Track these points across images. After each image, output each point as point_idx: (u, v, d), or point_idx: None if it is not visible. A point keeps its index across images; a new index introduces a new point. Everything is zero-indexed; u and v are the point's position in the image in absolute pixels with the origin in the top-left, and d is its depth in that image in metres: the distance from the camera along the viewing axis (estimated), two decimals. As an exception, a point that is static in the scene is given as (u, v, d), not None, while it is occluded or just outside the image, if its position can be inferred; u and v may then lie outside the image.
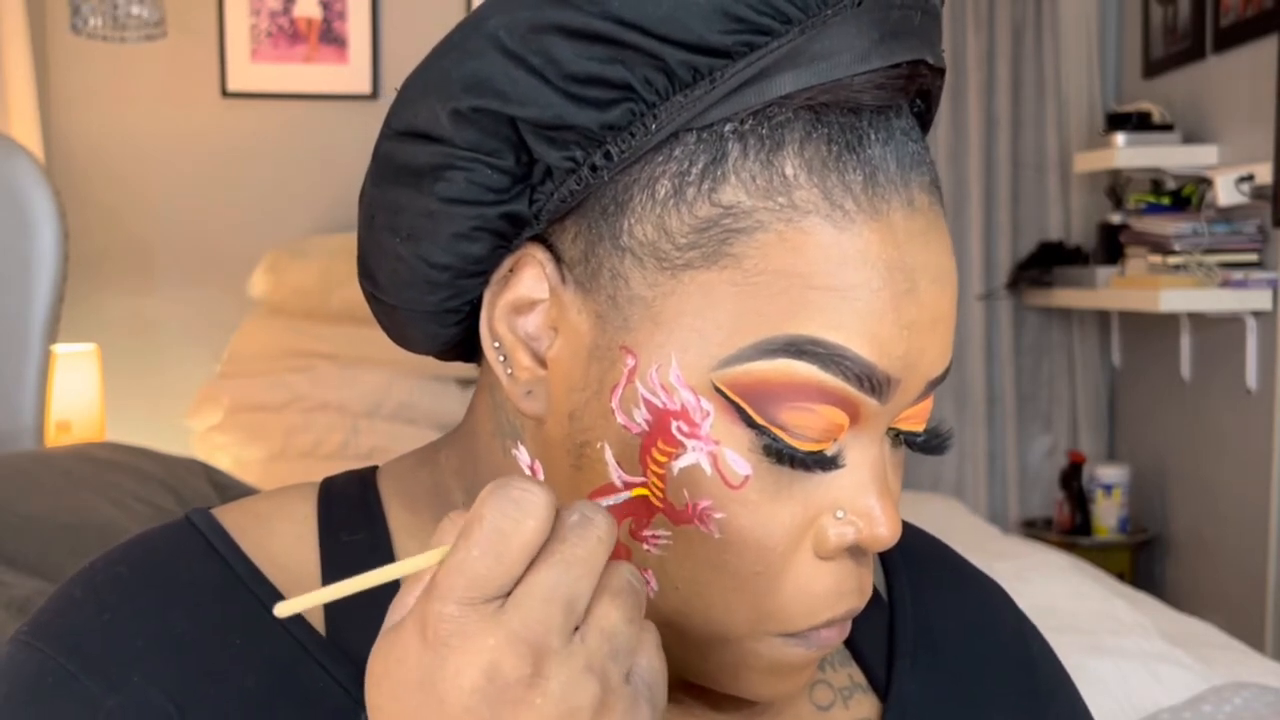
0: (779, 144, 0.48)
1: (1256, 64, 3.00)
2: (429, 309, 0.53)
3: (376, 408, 3.02)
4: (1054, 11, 3.71)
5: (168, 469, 1.71)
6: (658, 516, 0.50)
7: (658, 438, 0.49)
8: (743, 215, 0.48)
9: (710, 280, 0.48)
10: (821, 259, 0.47)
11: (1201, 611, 2.61)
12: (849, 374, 0.48)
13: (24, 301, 1.92)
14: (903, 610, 0.63)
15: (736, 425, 0.48)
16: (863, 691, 0.61)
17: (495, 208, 0.50)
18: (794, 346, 0.48)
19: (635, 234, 0.49)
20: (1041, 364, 3.83)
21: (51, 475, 1.56)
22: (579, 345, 0.50)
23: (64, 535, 1.42)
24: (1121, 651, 1.83)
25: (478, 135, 0.49)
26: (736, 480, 0.49)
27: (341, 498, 0.59)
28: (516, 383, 0.52)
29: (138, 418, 3.23)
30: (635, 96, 0.48)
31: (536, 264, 0.51)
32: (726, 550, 0.49)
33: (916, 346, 0.49)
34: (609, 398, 0.50)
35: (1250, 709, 1.51)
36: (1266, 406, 2.97)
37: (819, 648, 0.52)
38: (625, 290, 0.49)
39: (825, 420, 0.49)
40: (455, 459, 0.58)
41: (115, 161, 3.44)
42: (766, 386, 0.48)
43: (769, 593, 0.50)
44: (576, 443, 0.51)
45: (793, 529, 0.50)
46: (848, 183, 0.48)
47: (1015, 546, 2.58)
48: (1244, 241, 3.05)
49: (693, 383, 0.48)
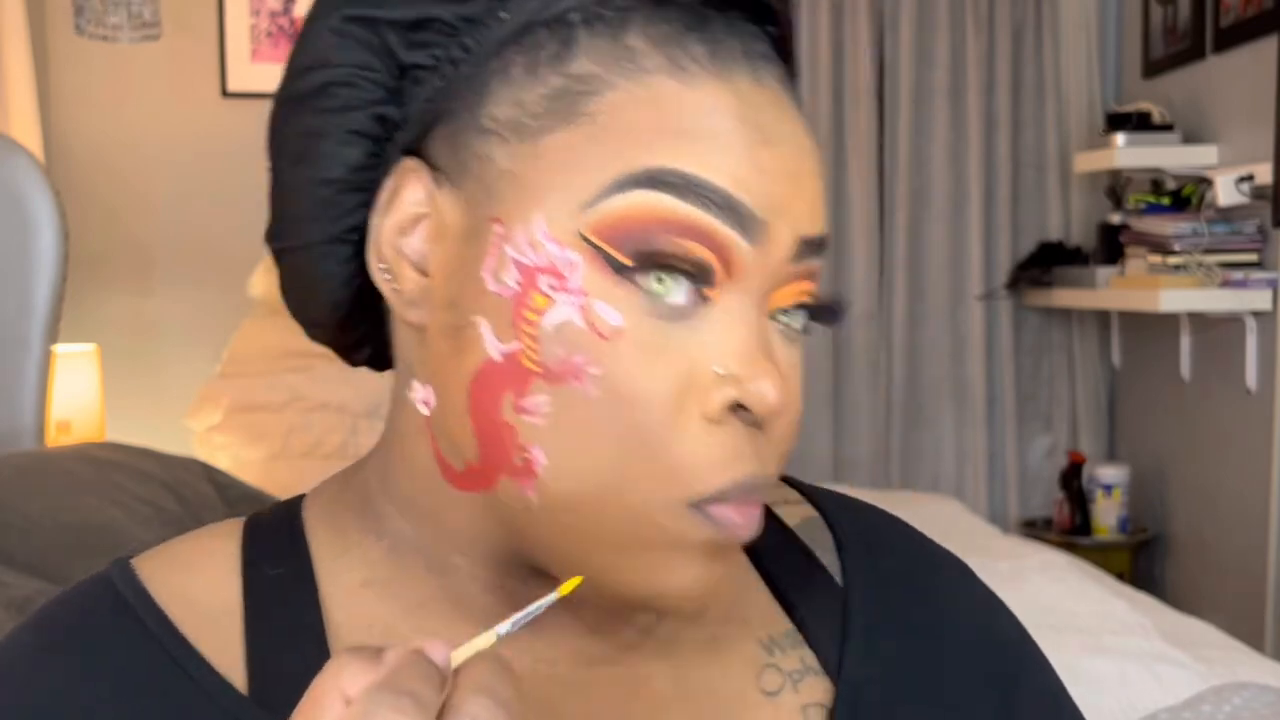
0: (623, 24, 0.51)
1: (1256, 64, 3.00)
2: (321, 238, 0.55)
3: (376, 408, 3.02)
4: (1054, 12, 3.71)
5: (168, 469, 1.71)
6: (535, 383, 0.49)
7: (527, 296, 0.50)
8: (592, 80, 0.50)
9: (567, 139, 0.50)
10: (672, 109, 0.50)
11: (1201, 611, 2.61)
12: (709, 203, 0.49)
13: (24, 301, 1.92)
14: (856, 591, 0.62)
15: (606, 275, 0.49)
16: (815, 674, 0.60)
17: (368, 111, 0.53)
18: (650, 178, 0.49)
19: (495, 115, 0.51)
20: (1041, 364, 3.83)
21: (52, 475, 1.56)
22: (455, 237, 0.52)
23: (64, 535, 1.42)
24: (1121, 651, 1.84)
25: (353, 49, 0.53)
26: (608, 331, 0.49)
27: (266, 531, 0.59)
28: (401, 296, 0.53)
29: (138, 418, 3.23)
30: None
31: (414, 177, 0.53)
32: (607, 408, 0.49)
33: (778, 191, 0.50)
34: (480, 269, 0.51)
35: (1250, 709, 1.51)
36: (1266, 406, 2.97)
37: (727, 531, 0.51)
38: (491, 169, 0.51)
39: (693, 256, 0.49)
40: (374, 455, 0.59)
41: (115, 161, 3.44)
42: (628, 222, 0.49)
43: (659, 452, 0.49)
44: (456, 327, 0.52)
45: (673, 385, 0.49)
46: (691, 53, 0.51)
47: (1015, 546, 2.58)
48: (1244, 241, 3.05)
49: (558, 235, 0.49)
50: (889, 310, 3.77)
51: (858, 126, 3.71)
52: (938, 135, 3.72)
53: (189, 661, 0.53)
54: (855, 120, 3.71)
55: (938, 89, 3.72)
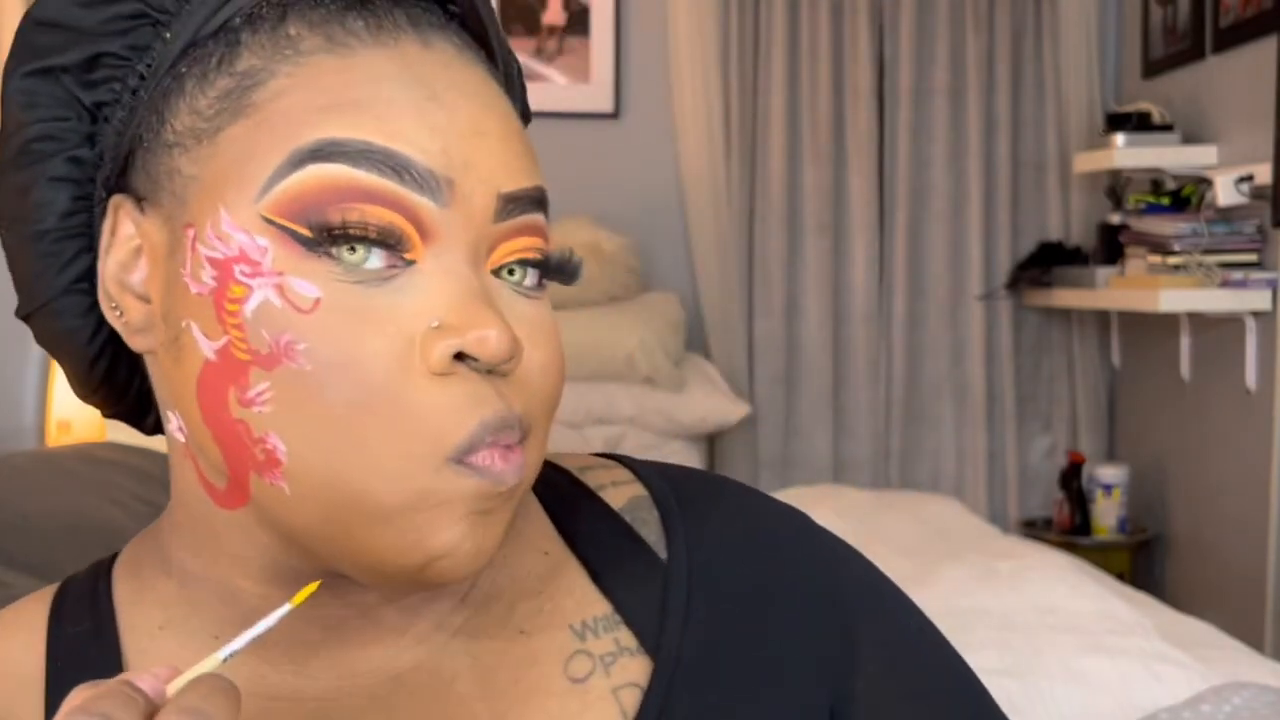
0: (283, 17, 0.52)
1: (1256, 64, 3.00)
2: (52, 294, 0.56)
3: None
4: (1054, 12, 3.71)
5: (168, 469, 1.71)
6: (253, 371, 0.49)
7: (226, 289, 0.50)
8: (256, 73, 0.51)
9: (239, 132, 0.51)
10: (334, 83, 0.50)
11: (1201, 611, 2.61)
12: (383, 168, 0.49)
13: (24, 301, 1.91)
14: (677, 566, 0.60)
15: (295, 252, 0.49)
16: (631, 655, 0.58)
17: (63, 155, 0.54)
18: (319, 152, 0.49)
19: (175, 128, 0.52)
20: (1041, 364, 3.83)
21: (52, 475, 1.56)
22: (162, 256, 0.53)
23: (64, 535, 1.42)
24: (1121, 651, 1.84)
25: (42, 103, 0.54)
26: (306, 304, 0.49)
27: (74, 591, 0.60)
28: (129, 326, 0.54)
29: (138, 418, 3.22)
30: (149, 18, 0.53)
31: (122, 211, 0.54)
32: (326, 380, 0.49)
33: (458, 149, 0.50)
34: (182, 276, 0.51)
35: (1250, 709, 1.51)
36: (1266, 406, 2.97)
37: (491, 478, 0.50)
38: (179, 179, 0.52)
39: (380, 221, 0.49)
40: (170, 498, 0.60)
41: (115, 161, 3.44)
42: (306, 197, 0.49)
43: (395, 414, 0.49)
44: (172, 338, 0.52)
45: (389, 347, 0.49)
46: (350, 28, 0.52)
47: (1015, 546, 2.58)
48: (1244, 242, 3.05)
49: (243, 224, 0.50)
50: (889, 310, 3.77)
51: (858, 126, 3.71)
52: (938, 135, 3.72)
53: None
54: (855, 120, 3.71)
55: (938, 89, 3.72)
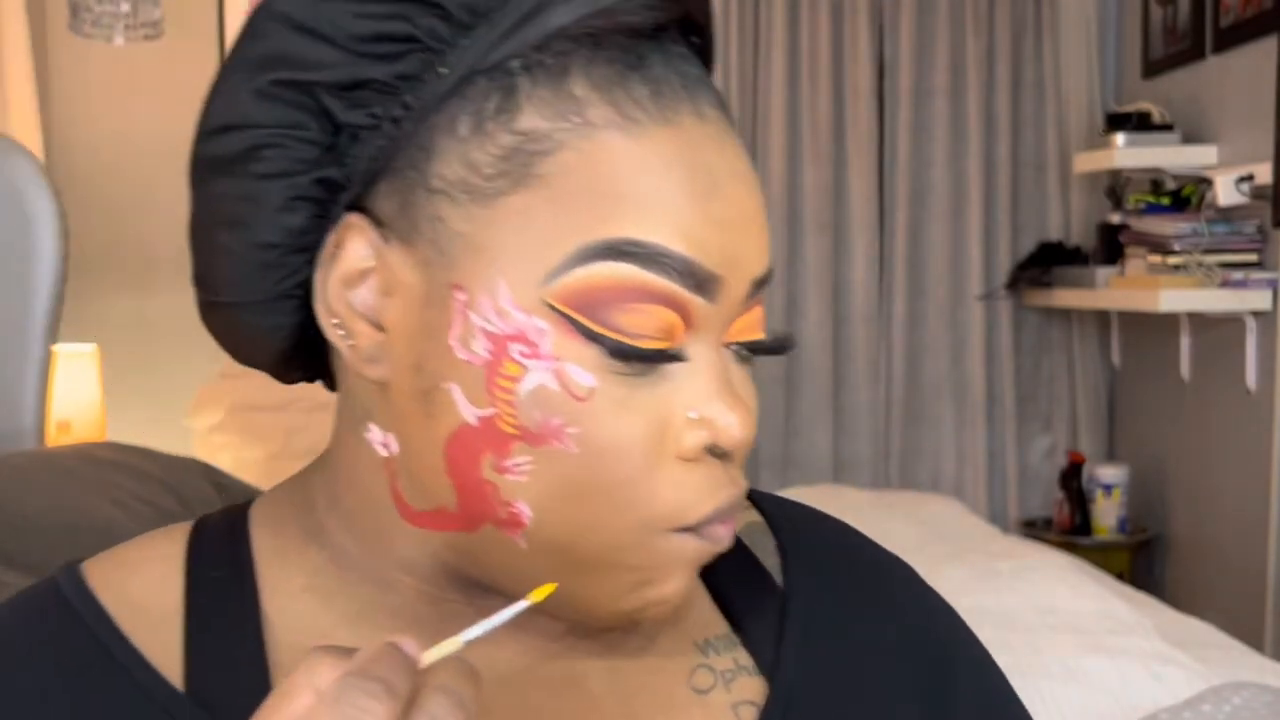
0: (565, 70, 0.50)
1: (1256, 64, 3.00)
2: (264, 296, 0.55)
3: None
4: (1054, 12, 3.71)
5: (168, 469, 1.71)
6: (516, 444, 0.50)
7: (500, 364, 0.50)
8: (542, 138, 0.50)
9: (522, 203, 0.50)
10: (623, 168, 0.50)
11: (1201, 611, 2.61)
12: (670, 271, 0.50)
13: (24, 301, 1.92)
14: (796, 596, 0.63)
15: (574, 339, 0.50)
16: (748, 674, 0.61)
17: (308, 175, 0.52)
18: (612, 249, 0.49)
19: (444, 175, 0.51)
20: (1041, 364, 3.83)
21: (52, 475, 1.56)
22: (412, 298, 0.52)
23: (64, 535, 1.42)
24: (1121, 651, 1.84)
25: (281, 110, 0.52)
26: (583, 393, 0.50)
27: (211, 534, 0.60)
28: (358, 352, 0.53)
29: (138, 418, 3.23)
30: (421, 46, 0.51)
31: (358, 232, 0.52)
32: (588, 463, 0.50)
33: (731, 243, 0.51)
34: (447, 337, 0.51)
35: (1250, 709, 1.51)
36: (1266, 406, 2.97)
37: (713, 541, 0.54)
38: (445, 231, 0.51)
39: (658, 320, 0.50)
40: (319, 470, 0.60)
41: (115, 161, 3.44)
42: (594, 293, 0.49)
43: (643, 496, 0.51)
44: (424, 391, 0.52)
45: (649, 434, 0.51)
46: (635, 96, 0.51)
47: (1015, 546, 2.58)
48: (1244, 241, 3.05)
49: (524, 303, 0.50)
50: (889, 310, 3.77)
51: (858, 126, 3.71)
52: (938, 135, 3.72)
53: (129, 659, 0.54)
54: (855, 120, 3.71)
55: (938, 89, 3.72)
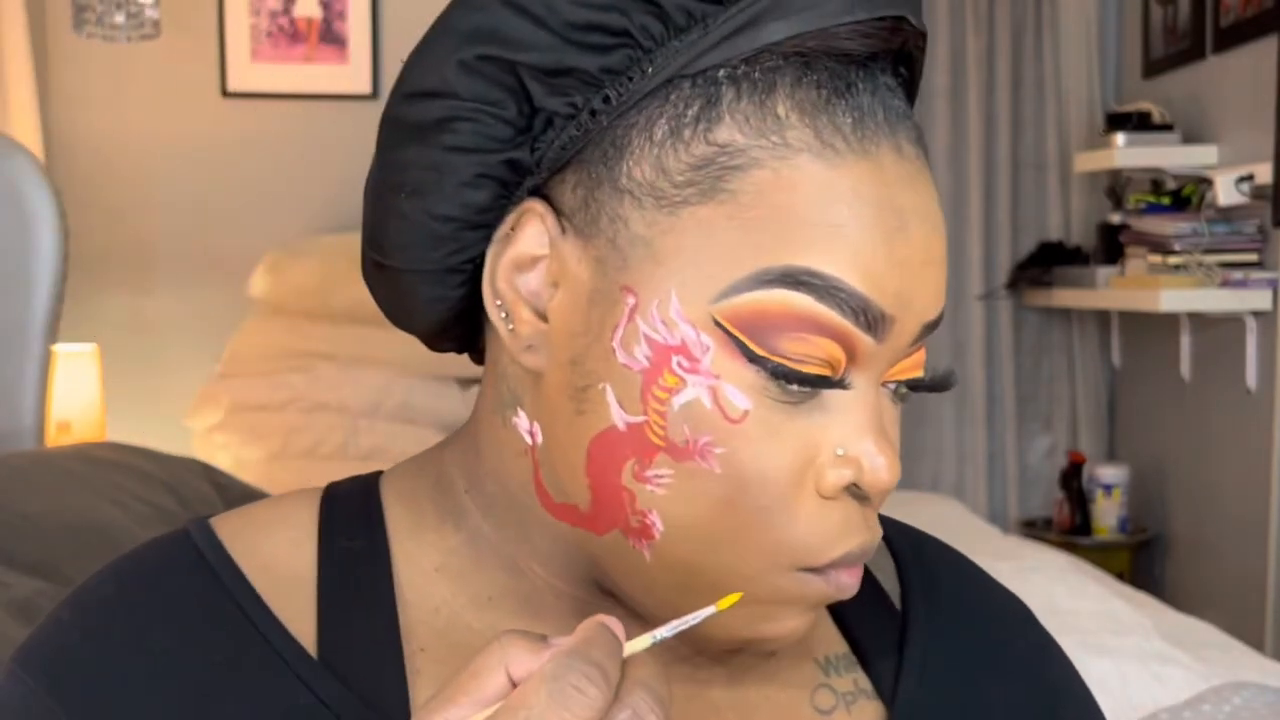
0: (771, 87, 0.50)
1: (1256, 64, 3.00)
2: (434, 267, 0.54)
3: (376, 408, 3.02)
4: (1054, 11, 3.71)
5: (168, 469, 1.71)
6: (660, 455, 0.50)
7: (659, 374, 0.50)
8: (737, 153, 0.49)
9: (708, 216, 0.49)
10: (814, 195, 0.49)
11: (1201, 611, 2.61)
12: (844, 307, 0.49)
13: (24, 301, 1.92)
14: (914, 618, 0.63)
15: (736, 360, 0.49)
16: (867, 698, 0.60)
17: (498, 154, 0.52)
18: (790, 277, 0.49)
19: (634, 175, 0.50)
20: (1041, 364, 3.83)
21: (51, 475, 1.56)
22: (579, 293, 0.51)
23: (64, 535, 1.42)
24: (1121, 651, 1.83)
25: (482, 85, 0.51)
26: (736, 414, 0.49)
27: (344, 503, 0.59)
28: (518, 338, 0.53)
29: (138, 418, 3.23)
30: (633, 42, 0.50)
31: (537, 218, 0.52)
32: (729, 486, 0.50)
33: (909, 285, 0.50)
34: (610, 338, 0.50)
35: (1250, 709, 1.51)
36: (1266, 406, 2.97)
37: (837, 587, 0.52)
38: (625, 232, 0.50)
39: (823, 352, 0.49)
40: (457, 449, 0.59)
41: (115, 161, 3.44)
42: (764, 317, 0.49)
43: (776, 528, 0.50)
44: (578, 387, 0.51)
45: (794, 465, 0.50)
46: (838, 124, 0.50)
47: (1015, 546, 2.58)
48: (1244, 241, 3.05)
49: (692, 317, 0.49)
50: (889, 310, 3.77)
51: (858, 126, 3.71)
52: (938, 135, 3.71)
53: (263, 621, 0.54)
54: (855, 120, 3.71)
55: (938, 89, 3.72)
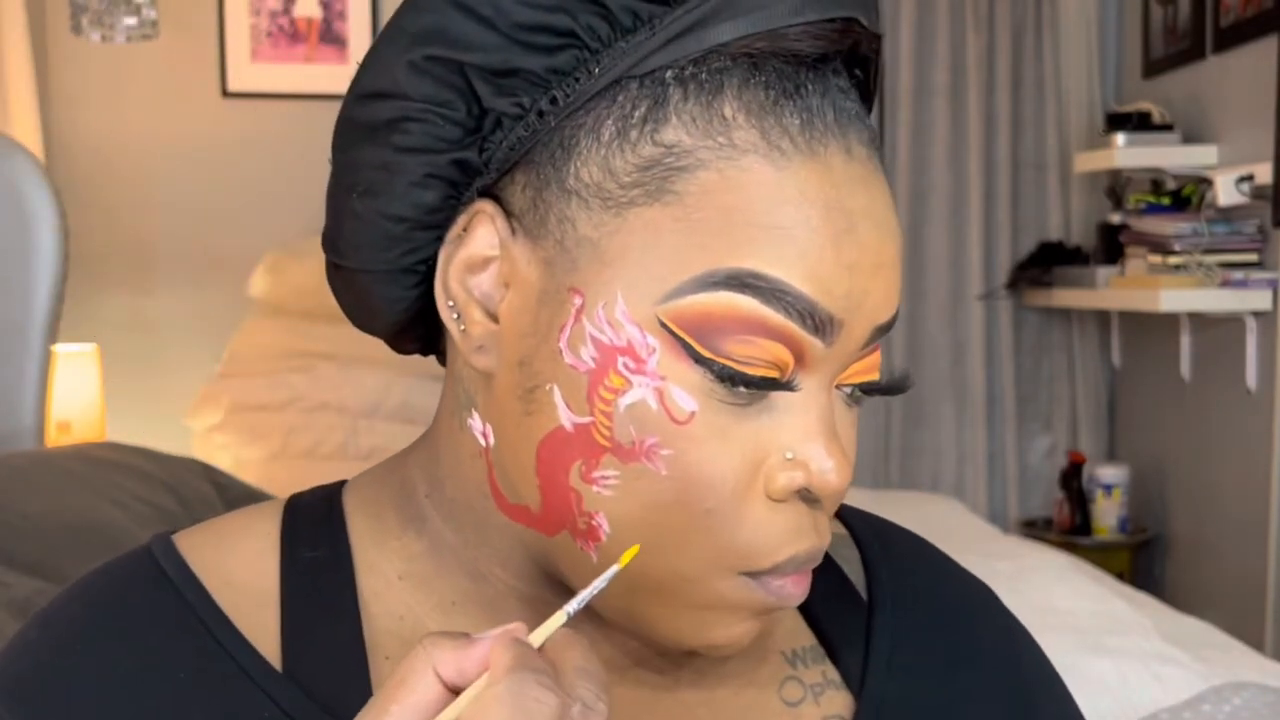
0: (718, 88, 0.49)
1: (1256, 64, 3.00)
2: (388, 267, 0.54)
3: (376, 408, 3.02)
4: (1054, 11, 3.71)
5: (168, 469, 1.71)
6: (606, 456, 0.50)
7: (604, 374, 0.50)
8: (684, 154, 0.49)
9: (654, 217, 0.49)
10: (761, 197, 0.49)
11: (1201, 611, 2.61)
12: (790, 310, 0.49)
13: (24, 301, 1.92)
14: (881, 608, 0.63)
15: (682, 361, 0.49)
16: (836, 688, 0.61)
17: (447, 154, 0.52)
18: (735, 279, 0.48)
19: (581, 176, 0.50)
20: (1041, 364, 3.83)
21: (51, 475, 1.56)
22: (529, 294, 0.52)
23: (64, 535, 1.42)
24: (1121, 651, 1.83)
25: (431, 86, 0.51)
26: (682, 416, 0.49)
27: (306, 513, 0.59)
28: (469, 338, 0.53)
29: (138, 418, 3.23)
30: (579, 43, 0.50)
31: (487, 219, 0.52)
32: (675, 488, 0.50)
33: (859, 288, 0.50)
34: (558, 339, 0.51)
35: (1250, 709, 1.51)
36: (1266, 406, 2.97)
37: (780, 596, 0.52)
38: (572, 233, 0.50)
39: (769, 354, 0.49)
40: (419, 453, 0.59)
41: (115, 161, 3.44)
42: (710, 320, 0.49)
43: (722, 531, 0.50)
44: (526, 388, 0.52)
45: (741, 468, 0.50)
46: (785, 125, 0.49)
47: (1015, 546, 2.58)
48: (1244, 241, 3.05)
49: (638, 318, 0.49)
50: (889, 310, 3.77)
51: (858, 126, 3.71)
52: (938, 135, 3.72)
53: (226, 637, 0.54)
54: (855, 120, 3.71)
55: (938, 89, 3.72)
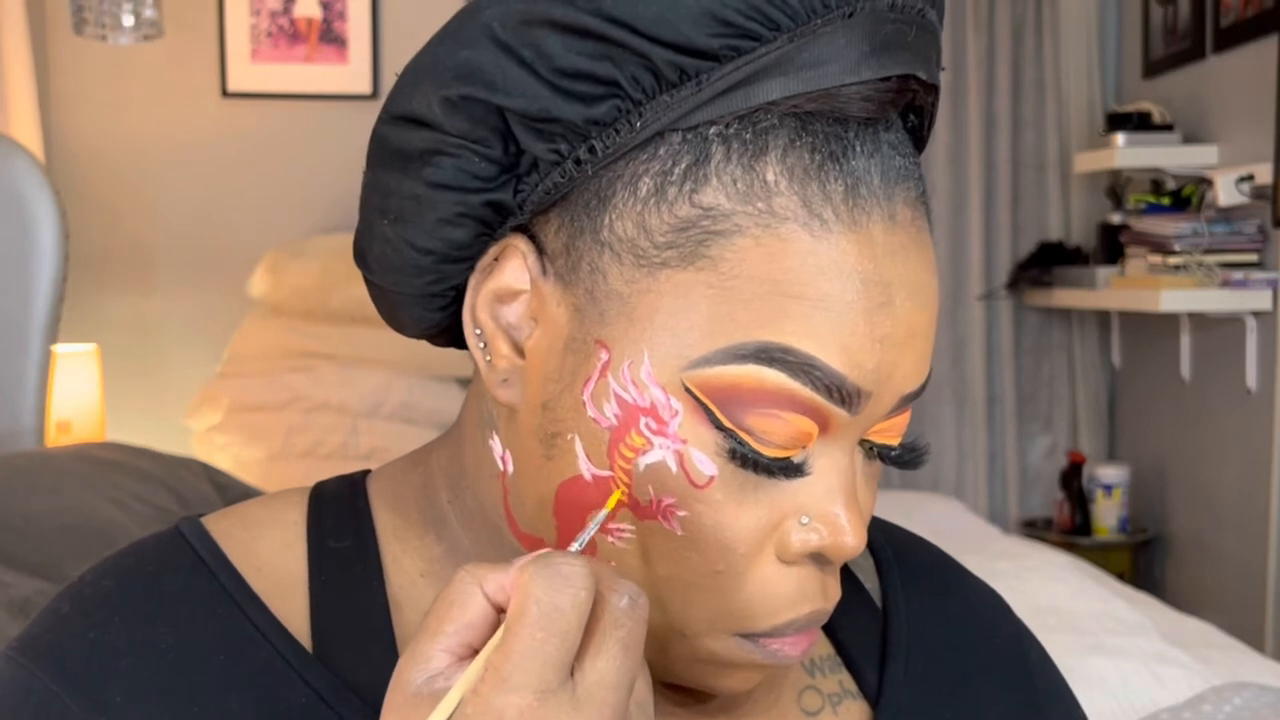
0: (762, 149, 0.48)
1: (1256, 64, 3.00)
2: (415, 292, 0.54)
3: (376, 408, 3.02)
4: (1054, 12, 3.71)
5: (168, 469, 1.71)
6: (623, 511, 0.50)
7: (626, 433, 0.49)
8: (721, 218, 0.48)
9: (686, 281, 0.48)
10: (797, 267, 0.48)
11: (1201, 611, 2.61)
12: (818, 384, 0.48)
13: (24, 301, 1.92)
14: (896, 617, 0.63)
15: (704, 426, 0.49)
16: (852, 698, 0.61)
17: (480, 195, 0.51)
18: (765, 353, 0.48)
19: (615, 229, 0.49)
20: (1041, 364, 3.83)
21: (51, 475, 1.56)
22: (556, 336, 0.51)
23: (64, 535, 1.42)
24: (1121, 651, 1.83)
25: (467, 123, 0.50)
26: (701, 480, 0.49)
27: (331, 503, 0.59)
28: (494, 370, 0.53)
29: (138, 418, 3.23)
30: (622, 94, 0.48)
31: (519, 254, 0.51)
32: (688, 548, 0.50)
33: (889, 360, 0.49)
34: (581, 390, 0.50)
35: (1250, 709, 1.51)
36: (1266, 406, 2.97)
37: (774, 659, 0.52)
38: (603, 285, 0.50)
39: (793, 428, 0.49)
40: (444, 455, 0.59)
41: (115, 161, 3.44)
42: (735, 391, 0.48)
43: (728, 592, 0.50)
44: (548, 433, 0.51)
45: (756, 532, 0.50)
46: (828, 192, 0.48)
47: (1015, 546, 2.58)
48: (1244, 241, 3.05)
49: (663, 381, 0.49)
50: (889, 310, 3.77)
51: (858, 126, 3.71)
52: (938, 135, 3.72)
53: (261, 620, 0.54)
54: (855, 120, 3.71)
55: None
